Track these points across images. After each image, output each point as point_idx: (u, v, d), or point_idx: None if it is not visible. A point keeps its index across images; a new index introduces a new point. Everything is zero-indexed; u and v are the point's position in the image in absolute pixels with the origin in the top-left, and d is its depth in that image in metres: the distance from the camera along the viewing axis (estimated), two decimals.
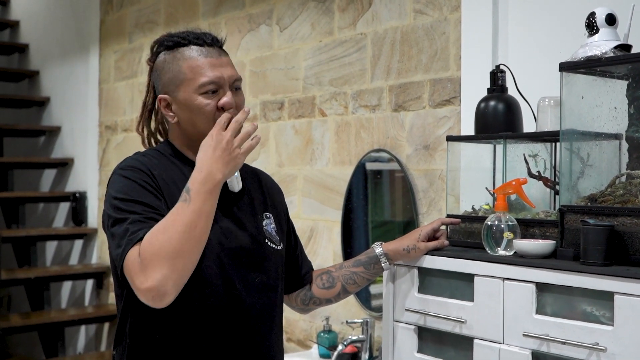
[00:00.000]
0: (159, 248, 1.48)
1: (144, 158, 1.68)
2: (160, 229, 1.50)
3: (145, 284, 1.48)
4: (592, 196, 1.85)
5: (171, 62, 1.69)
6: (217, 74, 1.66)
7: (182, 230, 1.50)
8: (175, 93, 1.68)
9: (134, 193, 1.58)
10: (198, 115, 1.66)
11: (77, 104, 5.03)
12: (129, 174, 1.61)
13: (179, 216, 1.51)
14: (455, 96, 2.62)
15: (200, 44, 1.70)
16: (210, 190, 1.55)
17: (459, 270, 1.95)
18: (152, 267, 1.47)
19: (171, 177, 1.67)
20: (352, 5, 3.03)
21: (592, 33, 1.85)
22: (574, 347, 1.65)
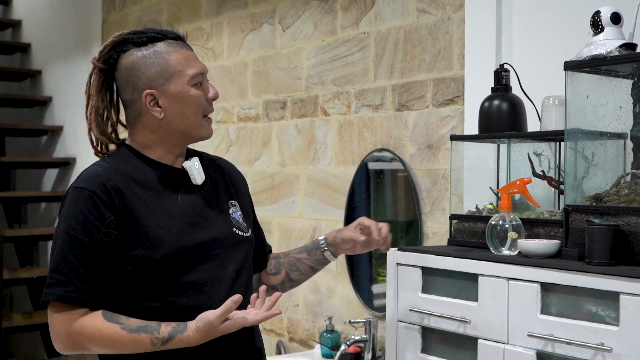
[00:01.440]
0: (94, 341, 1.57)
1: (99, 169, 1.67)
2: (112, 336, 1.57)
3: (59, 341, 1.60)
4: (597, 196, 1.84)
5: (153, 57, 1.68)
6: (200, 65, 1.73)
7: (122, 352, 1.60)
8: (164, 86, 1.68)
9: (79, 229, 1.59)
10: (191, 107, 1.69)
11: (80, 104, 4.98)
12: (80, 200, 1.61)
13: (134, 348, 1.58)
14: (459, 95, 2.61)
15: (174, 38, 1.73)
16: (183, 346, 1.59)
17: (463, 270, 1.94)
18: (74, 341, 1.58)
19: (133, 181, 1.67)
20: (355, 5, 3.02)
21: (597, 32, 1.85)
22: (579, 347, 1.64)
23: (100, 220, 1.61)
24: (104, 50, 1.74)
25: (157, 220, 1.65)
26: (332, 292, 3.09)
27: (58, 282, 1.58)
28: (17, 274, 4.54)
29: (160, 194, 1.69)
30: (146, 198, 1.66)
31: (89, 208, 1.60)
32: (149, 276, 1.64)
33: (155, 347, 1.57)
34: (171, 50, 1.69)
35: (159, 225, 1.65)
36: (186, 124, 1.71)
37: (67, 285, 1.57)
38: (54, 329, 1.61)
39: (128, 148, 1.74)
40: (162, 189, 1.70)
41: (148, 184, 1.68)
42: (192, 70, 1.69)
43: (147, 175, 1.69)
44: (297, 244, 3.27)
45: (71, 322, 1.57)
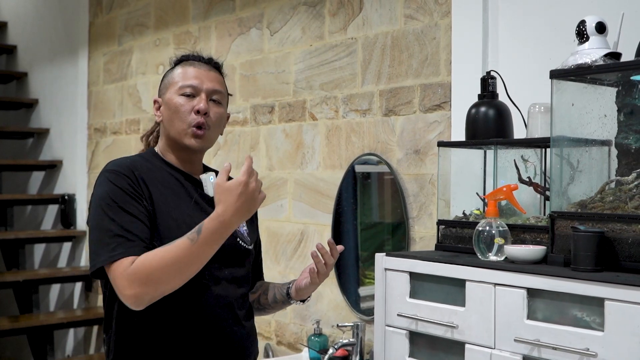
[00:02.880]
0: (150, 273, 1.64)
1: (128, 161, 1.83)
2: (158, 257, 1.65)
3: (127, 291, 1.65)
4: (582, 202, 1.87)
5: (171, 72, 1.92)
6: (198, 81, 1.86)
7: (176, 266, 1.65)
8: (164, 95, 1.89)
9: (118, 199, 1.72)
10: (175, 114, 1.84)
11: (66, 106, 5.02)
12: (114, 178, 1.74)
13: (181, 252, 1.65)
14: (446, 101, 2.64)
15: (198, 60, 1.92)
16: (218, 240, 1.67)
17: (451, 275, 1.96)
18: (138, 282, 1.64)
19: (154, 178, 1.81)
20: (343, 10, 3.04)
21: (583, 41, 1.87)
22: (565, 352, 1.67)
23: (137, 194, 1.74)
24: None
25: (172, 213, 1.77)
26: (319, 296, 3.10)
27: (119, 244, 1.67)
28: (4, 277, 4.52)
29: (176, 194, 1.83)
30: (165, 194, 1.80)
31: (125, 184, 1.73)
32: None
33: (194, 242, 1.64)
34: (184, 66, 1.90)
35: (172, 217, 1.77)
36: (173, 129, 1.86)
37: (128, 242, 1.67)
38: (117, 283, 1.66)
39: (153, 151, 1.92)
40: (179, 190, 1.84)
41: (167, 183, 1.83)
42: (184, 81, 1.86)
43: (165, 175, 1.85)
44: (285, 247, 3.29)
45: (126, 270, 1.65)
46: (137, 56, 4.36)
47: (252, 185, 1.66)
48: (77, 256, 4.89)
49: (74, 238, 4.90)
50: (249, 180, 1.65)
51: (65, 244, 4.98)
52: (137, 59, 4.36)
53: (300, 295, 1.96)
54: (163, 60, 4.13)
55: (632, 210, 1.74)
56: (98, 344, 4.65)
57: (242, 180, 1.65)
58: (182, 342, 1.77)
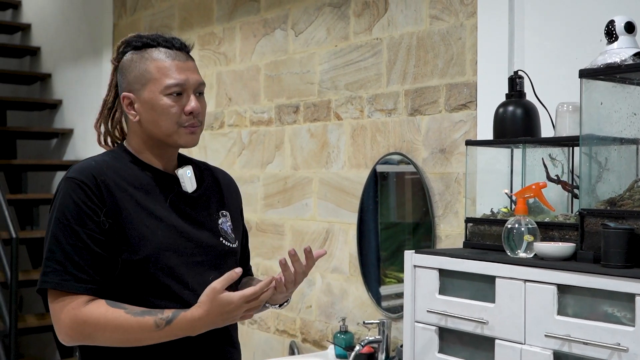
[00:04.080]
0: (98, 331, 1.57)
1: (93, 163, 1.69)
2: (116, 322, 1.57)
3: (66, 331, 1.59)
4: (611, 200, 1.89)
5: (138, 62, 1.71)
6: (183, 77, 1.69)
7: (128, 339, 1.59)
8: (139, 92, 1.70)
9: (72, 216, 1.60)
10: (162, 116, 1.68)
11: (90, 107, 5.07)
12: (72, 189, 1.63)
13: (140, 332, 1.57)
14: (472, 101, 2.67)
15: (168, 47, 1.72)
16: (180, 336, 1.60)
17: (481, 272, 1.99)
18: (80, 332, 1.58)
19: (123, 180, 1.68)
20: (368, 11, 3.08)
21: (612, 40, 1.90)
22: (596, 347, 1.69)
23: (93, 210, 1.62)
24: (117, 49, 1.77)
25: (144, 220, 1.66)
26: (345, 293, 3.14)
27: (54, 271, 1.58)
28: (30, 275, 4.58)
29: (149, 195, 1.70)
30: (135, 196, 1.67)
31: (82, 197, 1.61)
32: (132, 275, 1.64)
33: (160, 329, 1.56)
34: (157, 57, 1.70)
35: (145, 224, 1.66)
36: (159, 131, 1.71)
37: (63, 273, 1.57)
38: (57, 319, 1.60)
39: (123, 148, 1.77)
40: (152, 191, 1.71)
41: (138, 184, 1.69)
42: (169, 80, 1.68)
43: (138, 175, 1.71)
44: (310, 246, 3.32)
45: (74, 311, 1.57)
46: None
47: (241, 311, 1.59)
48: None
49: None
50: (241, 305, 1.58)
51: None
52: None
53: (274, 300, 1.78)
54: None
55: None
56: None
57: (235, 303, 1.57)
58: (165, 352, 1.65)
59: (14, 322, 3.80)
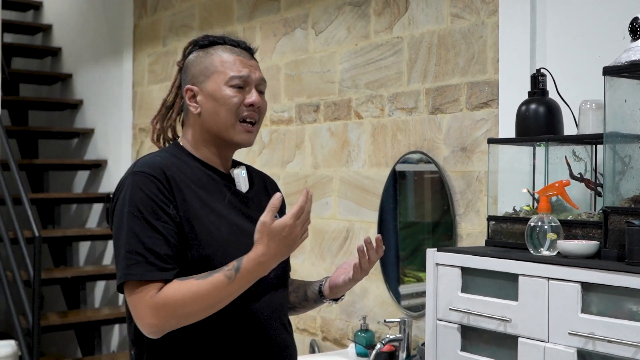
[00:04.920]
0: (180, 306, 1.57)
1: (158, 159, 1.71)
2: (192, 290, 1.57)
3: (148, 319, 1.58)
4: (636, 198, 1.88)
5: (203, 57, 1.77)
6: (246, 71, 1.74)
7: (210, 303, 1.59)
8: (203, 84, 1.74)
9: (145, 209, 1.61)
10: (222, 106, 1.72)
11: (111, 107, 5.12)
12: (143, 182, 1.64)
13: (216, 290, 1.58)
14: (493, 99, 2.66)
15: (234, 45, 1.79)
16: (253, 280, 1.62)
17: (503, 270, 1.99)
18: (164, 314, 1.57)
19: (186, 177, 1.71)
20: (389, 10, 3.08)
21: (636, 38, 1.89)
22: (621, 345, 1.69)
23: (165, 202, 1.63)
24: (184, 51, 1.84)
25: (209, 216, 1.69)
26: (365, 292, 3.14)
27: (136, 263, 1.58)
28: (52, 274, 4.63)
29: (210, 192, 1.73)
30: (199, 194, 1.70)
31: (153, 190, 1.63)
32: (198, 270, 1.64)
33: (232, 281, 1.57)
34: (222, 52, 1.76)
35: (211, 221, 1.69)
36: (218, 123, 1.74)
37: (146, 264, 1.58)
38: (137, 312, 1.59)
39: (179, 146, 1.80)
40: (212, 188, 1.74)
41: (199, 182, 1.72)
42: (232, 72, 1.73)
43: (197, 173, 1.74)
44: (331, 245, 3.33)
45: (152, 299, 1.58)
46: None
47: (297, 230, 1.59)
48: None
49: None
50: (295, 223, 1.59)
51: (110, 242, 5.08)
52: None
53: (334, 293, 1.88)
54: None
55: None
56: None
57: (288, 224, 1.58)
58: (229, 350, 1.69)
59: (36, 320, 3.84)
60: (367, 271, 1.83)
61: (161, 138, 1.87)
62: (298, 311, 1.98)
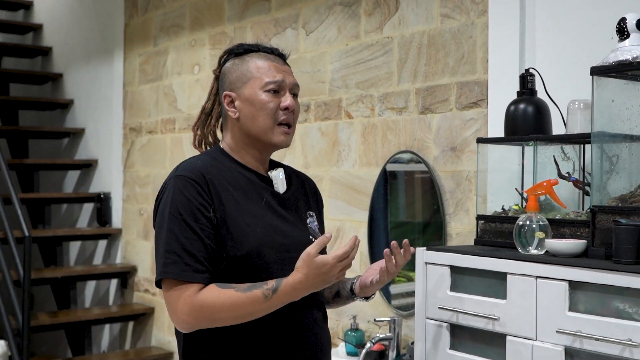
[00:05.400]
0: (216, 312, 1.67)
1: (199, 163, 1.81)
2: (230, 301, 1.67)
3: (184, 317, 1.68)
4: (623, 197, 1.90)
5: (239, 64, 1.86)
6: (281, 76, 1.83)
7: (242, 315, 1.69)
8: (240, 90, 1.83)
9: (185, 211, 1.71)
10: (260, 111, 1.81)
11: (102, 107, 5.11)
12: (183, 186, 1.74)
13: (252, 305, 1.67)
14: (482, 99, 2.67)
15: (268, 52, 1.88)
16: (285, 302, 1.70)
17: (492, 268, 2.00)
18: (200, 316, 1.67)
19: (226, 180, 1.79)
20: (379, 10, 3.09)
21: (623, 38, 1.90)
22: (608, 343, 1.70)
23: (204, 205, 1.72)
24: (219, 59, 1.93)
25: (245, 218, 1.76)
26: None
27: (173, 262, 1.68)
28: (42, 273, 4.61)
29: (247, 195, 1.81)
30: (236, 196, 1.78)
31: (193, 194, 1.72)
32: (234, 270, 1.73)
33: (268, 300, 1.66)
34: (257, 59, 1.85)
35: (246, 222, 1.76)
36: (257, 127, 1.82)
37: (182, 264, 1.68)
38: (174, 307, 1.69)
39: (220, 149, 1.89)
40: (249, 190, 1.82)
41: (237, 184, 1.80)
42: (267, 77, 1.81)
43: (236, 176, 1.82)
44: None
45: (190, 298, 1.67)
46: (172, 57, 4.44)
47: (336, 270, 1.67)
48: (112, 254, 4.98)
49: (109, 236, 4.99)
50: (336, 264, 1.67)
51: (100, 242, 5.08)
52: (173, 59, 4.43)
53: (364, 292, 1.95)
54: (199, 60, 4.20)
55: None
56: (134, 340, 4.73)
57: (330, 263, 1.66)
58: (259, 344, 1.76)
59: (26, 320, 3.83)
60: (394, 274, 1.88)
61: (202, 143, 1.97)
62: (332, 306, 2.05)
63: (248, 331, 1.74)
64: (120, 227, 4.91)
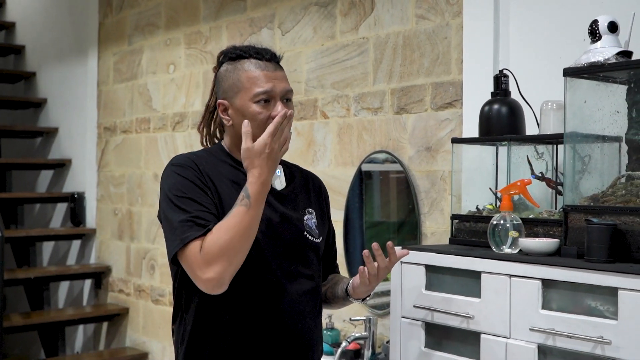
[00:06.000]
0: (222, 246, 1.68)
1: (193, 155, 1.87)
2: (223, 230, 1.70)
3: (206, 274, 1.69)
4: (595, 196, 1.93)
5: (232, 72, 1.87)
6: (270, 85, 1.83)
7: (242, 233, 1.70)
8: (232, 99, 1.86)
9: (187, 190, 1.77)
10: (251, 122, 1.81)
11: (75, 106, 5.07)
12: (181, 170, 1.80)
13: (241, 219, 1.70)
14: (457, 99, 2.70)
15: (259, 58, 1.87)
16: (263, 199, 1.74)
17: (466, 267, 2.02)
18: (214, 261, 1.68)
19: (220, 172, 1.85)
20: (354, 10, 3.10)
21: (595, 40, 1.93)
22: (580, 340, 1.73)
23: (203, 186, 1.79)
24: (217, 59, 1.94)
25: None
26: None
27: (190, 227, 1.72)
28: (15, 274, 4.57)
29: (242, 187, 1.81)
30: (232, 189, 1.82)
31: (191, 176, 1.79)
32: None
33: (251, 207, 1.70)
34: (248, 68, 1.85)
35: None
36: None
37: (197, 227, 1.71)
38: (193, 269, 1.71)
39: (219, 146, 1.94)
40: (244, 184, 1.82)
41: (234, 178, 1.85)
42: (257, 88, 1.82)
43: (233, 170, 1.87)
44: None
45: (198, 253, 1.70)
46: (147, 56, 4.42)
47: (275, 146, 1.72)
48: (86, 254, 4.95)
49: (83, 236, 4.95)
50: (273, 140, 1.72)
51: (74, 242, 5.04)
52: (148, 58, 4.41)
53: (357, 293, 1.95)
54: (174, 59, 4.18)
55: None
56: (108, 341, 4.71)
57: (267, 142, 1.72)
58: (247, 336, 1.80)
59: None
60: (377, 277, 1.86)
61: (209, 141, 2.02)
62: (332, 306, 2.07)
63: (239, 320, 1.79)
64: (94, 227, 4.88)
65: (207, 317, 1.81)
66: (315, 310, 1.92)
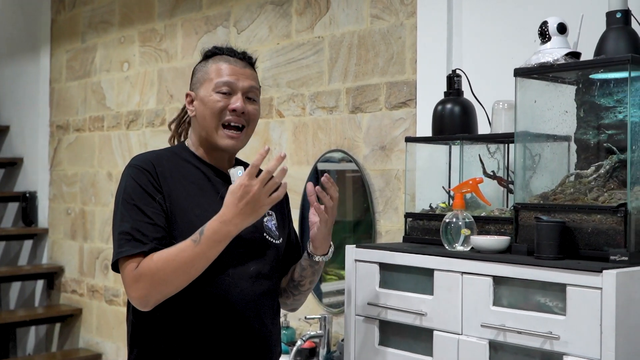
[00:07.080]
0: (154, 274, 1.69)
1: (153, 155, 1.87)
2: (163, 258, 1.69)
3: (133, 292, 1.71)
4: (544, 194, 1.96)
5: (204, 66, 1.91)
6: (234, 78, 1.86)
7: (179, 267, 1.68)
8: (198, 90, 1.89)
9: (135, 195, 1.77)
10: (208, 110, 1.84)
11: (27, 103, 4.99)
12: (135, 173, 1.80)
13: (184, 253, 1.68)
14: (411, 99, 2.72)
15: (231, 55, 1.91)
16: (220, 241, 1.69)
17: (419, 265, 2.04)
18: (142, 283, 1.69)
19: (179, 173, 1.84)
20: (310, 10, 3.11)
21: (545, 41, 1.97)
22: (529, 336, 1.75)
23: (154, 192, 1.78)
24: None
25: (194, 209, 1.80)
26: None
27: (127, 241, 1.72)
28: None
29: (201, 188, 1.85)
30: (188, 188, 1.82)
31: (144, 180, 1.78)
32: None
33: (198, 243, 1.67)
34: (218, 61, 1.88)
35: (195, 214, 1.79)
36: (205, 126, 1.86)
37: (133, 241, 1.71)
38: (125, 284, 1.73)
39: (182, 145, 1.95)
40: (204, 185, 1.86)
41: (192, 177, 1.85)
42: (220, 78, 1.85)
43: (192, 170, 1.87)
44: None
45: (132, 272, 1.70)
46: (101, 53, 4.36)
47: (254, 189, 1.64)
48: (38, 254, 4.87)
49: (35, 236, 4.87)
50: (250, 183, 1.65)
51: (26, 242, 4.95)
52: (101, 56, 4.36)
53: (318, 249, 1.95)
54: (128, 57, 4.14)
55: (591, 202, 1.84)
56: (60, 342, 4.64)
57: (243, 183, 1.65)
58: (204, 337, 1.78)
59: None
60: (333, 211, 1.92)
61: (174, 139, 2.05)
62: (303, 287, 2.03)
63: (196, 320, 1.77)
64: (46, 226, 4.80)
65: (164, 318, 1.79)
66: (273, 310, 1.93)
